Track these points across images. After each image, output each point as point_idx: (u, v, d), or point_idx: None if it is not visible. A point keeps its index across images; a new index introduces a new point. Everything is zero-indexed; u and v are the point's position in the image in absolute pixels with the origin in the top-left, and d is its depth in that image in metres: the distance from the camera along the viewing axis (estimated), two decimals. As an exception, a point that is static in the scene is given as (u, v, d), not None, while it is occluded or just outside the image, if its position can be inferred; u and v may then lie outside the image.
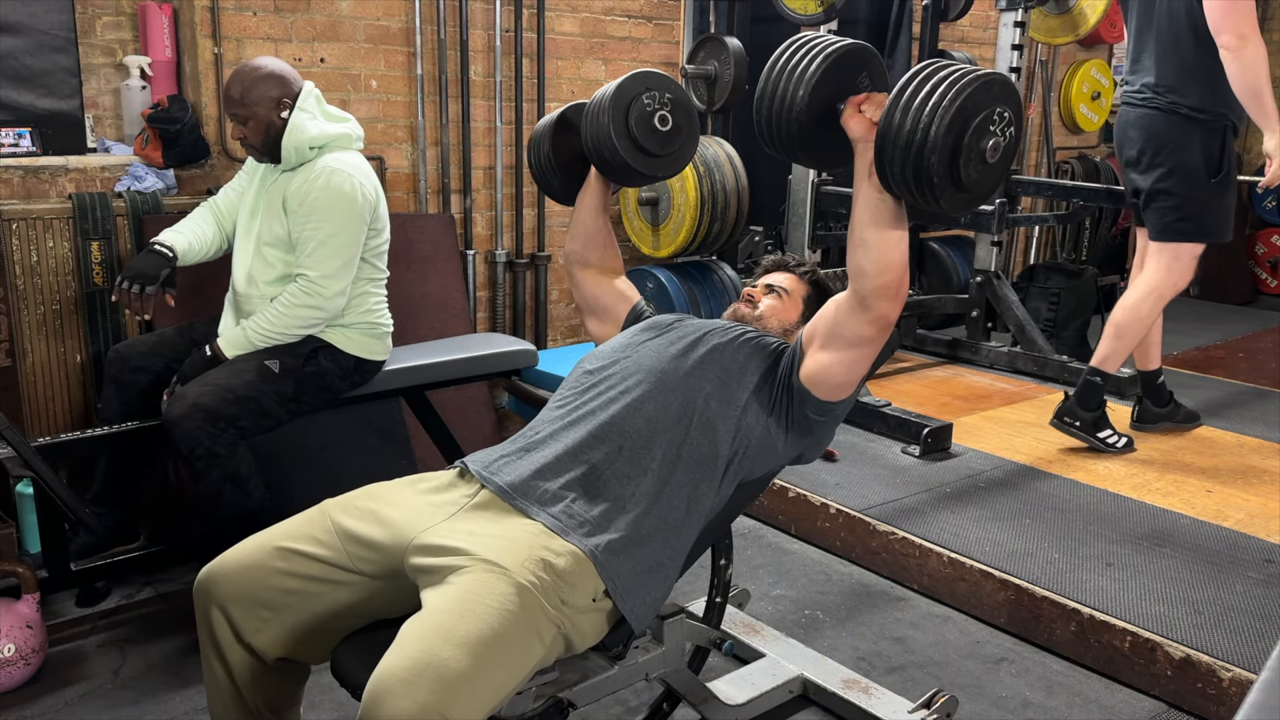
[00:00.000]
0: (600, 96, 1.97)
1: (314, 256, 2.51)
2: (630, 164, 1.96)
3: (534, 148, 2.15)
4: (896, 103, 1.51)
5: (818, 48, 1.66)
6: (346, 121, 2.66)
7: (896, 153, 1.51)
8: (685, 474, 1.72)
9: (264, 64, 2.61)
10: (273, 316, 2.53)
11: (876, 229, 1.60)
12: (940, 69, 1.53)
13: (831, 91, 1.64)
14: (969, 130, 1.49)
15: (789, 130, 1.66)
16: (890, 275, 1.62)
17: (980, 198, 1.58)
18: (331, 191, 2.50)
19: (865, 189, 1.61)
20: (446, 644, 1.39)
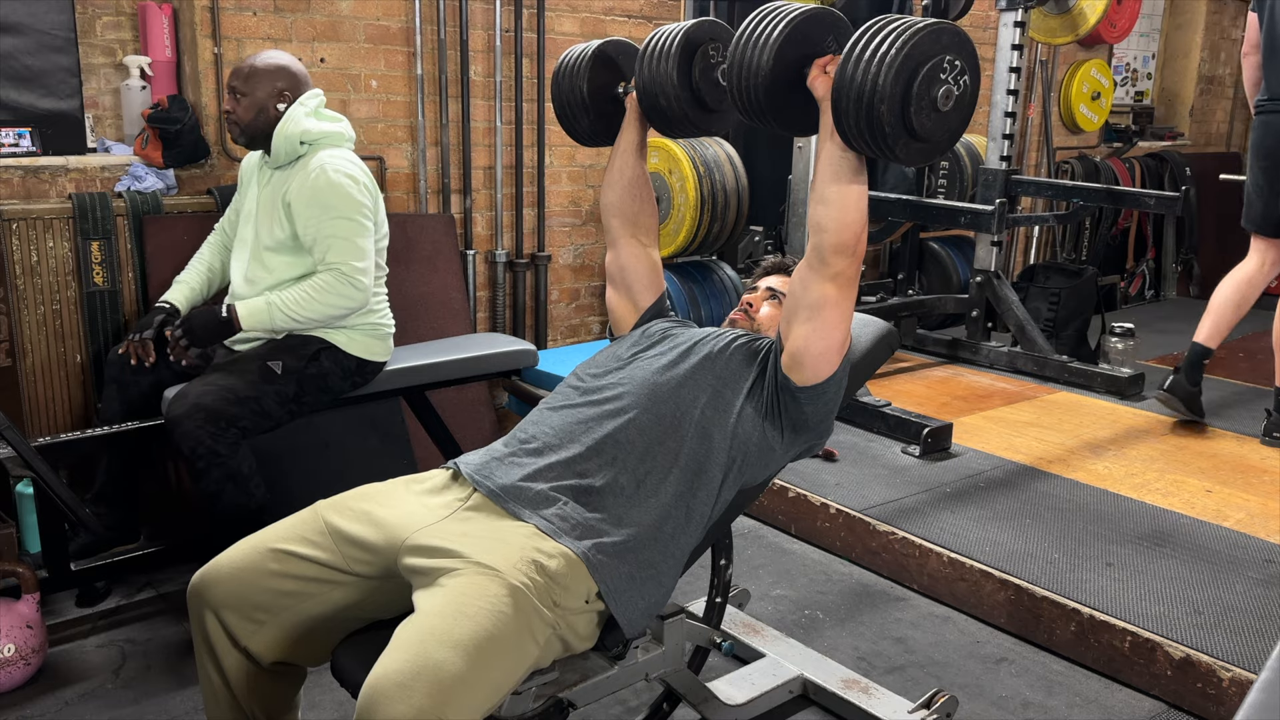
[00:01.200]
0: (662, 40, 1.89)
1: (343, 251, 2.53)
2: (688, 115, 1.91)
3: (564, 83, 2.05)
4: (849, 56, 1.54)
5: (781, 13, 1.69)
6: (340, 122, 2.69)
7: (849, 105, 1.54)
8: (682, 484, 1.72)
9: (284, 58, 2.68)
10: (302, 298, 2.53)
11: (837, 184, 1.64)
12: (891, 21, 1.55)
13: (796, 55, 1.67)
14: (918, 78, 1.52)
15: (757, 95, 1.68)
16: (849, 233, 1.66)
17: (938, 147, 1.62)
18: (335, 184, 2.53)
19: (827, 147, 1.65)
20: (441, 646, 1.39)
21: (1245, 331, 5.76)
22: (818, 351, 1.74)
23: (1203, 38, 7.10)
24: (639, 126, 2.04)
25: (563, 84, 2.06)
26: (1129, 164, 6.50)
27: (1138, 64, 7.02)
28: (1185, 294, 6.87)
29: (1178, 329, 5.73)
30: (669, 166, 4.11)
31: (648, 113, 1.97)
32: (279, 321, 2.53)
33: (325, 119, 2.66)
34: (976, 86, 1.60)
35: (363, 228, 2.57)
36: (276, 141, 2.59)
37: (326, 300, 2.53)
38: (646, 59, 1.90)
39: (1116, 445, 3.67)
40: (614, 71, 2.06)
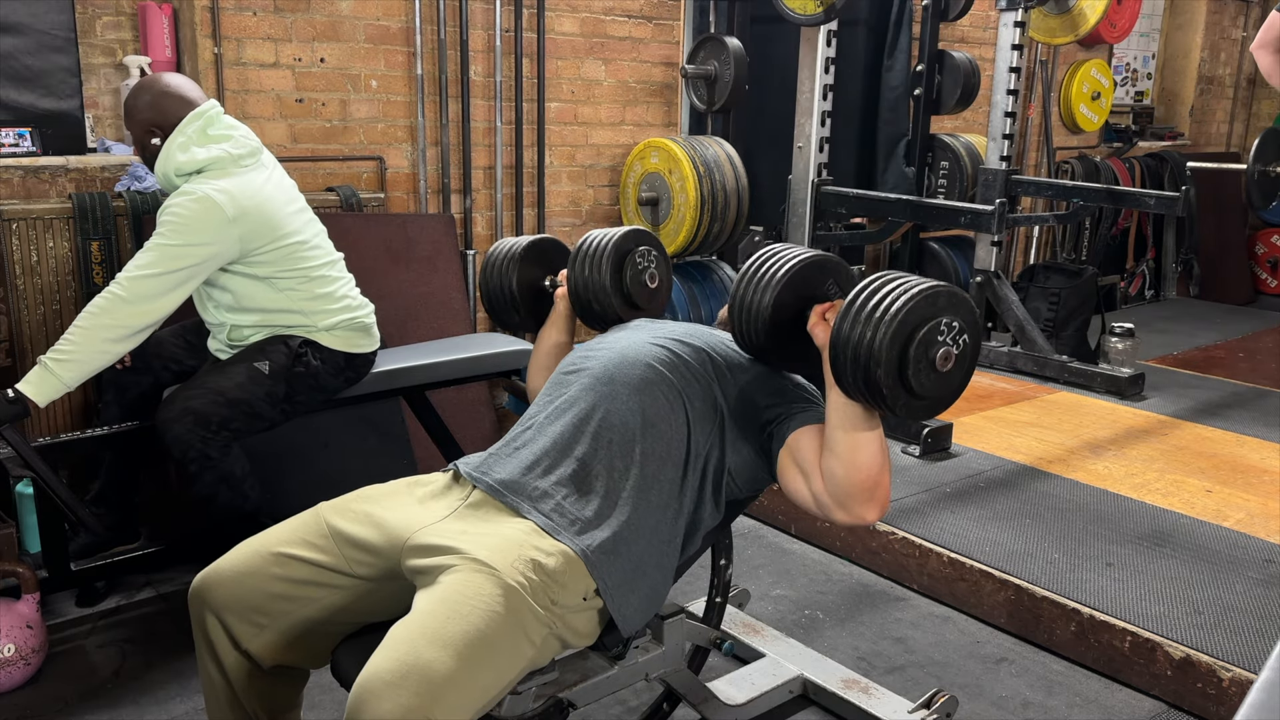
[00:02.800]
0: (593, 245, 2.01)
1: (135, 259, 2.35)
2: (619, 316, 2.03)
3: (495, 278, 2.13)
4: (846, 314, 1.54)
5: (783, 258, 1.72)
6: (227, 140, 2.45)
7: (847, 364, 1.53)
8: (673, 469, 1.70)
9: (151, 86, 2.48)
10: (73, 334, 2.29)
11: (844, 432, 1.60)
12: (889, 281, 1.55)
13: (796, 299, 1.70)
14: (914, 342, 1.51)
15: (758, 335, 1.72)
16: (861, 475, 1.60)
17: (941, 401, 1.60)
18: (174, 213, 2.35)
19: (832, 395, 1.61)
20: (431, 646, 1.38)
21: (1245, 331, 5.78)
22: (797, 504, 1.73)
23: (1203, 38, 7.10)
24: (567, 322, 2.12)
25: (491, 279, 2.14)
26: (1129, 164, 6.51)
27: (1138, 64, 7.03)
28: (1185, 294, 6.87)
29: (1178, 329, 5.74)
30: (669, 166, 4.11)
31: (580, 313, 2.07)
32: (59, 372, 2.27)
33: (211, 140, 2.44)
34: (978, 344, 1.59)
35: (176, 253, 2.33)
36: (157, 178, 2.46)
37: (96, 321, 2.29)
38: (579, 264, 2.02)
39: (1116, 445, 3.67)
40: (543, 266, 2.16)
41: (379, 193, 3.68)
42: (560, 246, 2.20)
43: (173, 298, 2.35)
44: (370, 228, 3.49)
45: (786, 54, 4.14)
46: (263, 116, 3.49)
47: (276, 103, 3.52)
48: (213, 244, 2.36)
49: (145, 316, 2.33)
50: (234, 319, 2.51)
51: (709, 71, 4.29)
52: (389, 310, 3.13)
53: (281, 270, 2.48)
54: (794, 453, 1.69)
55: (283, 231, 2.47)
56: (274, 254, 2.46)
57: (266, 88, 3.49)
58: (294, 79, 3.54)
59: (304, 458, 2.97)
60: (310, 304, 2.54)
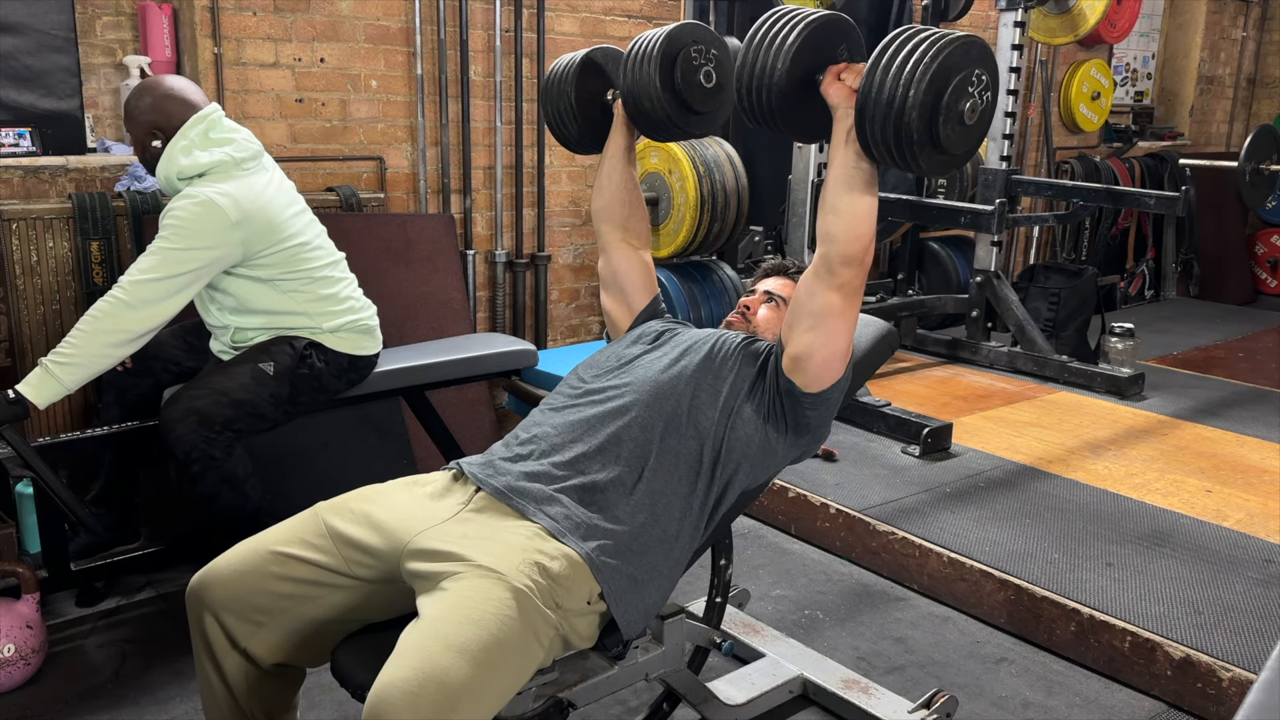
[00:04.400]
0: (645, 44, 1.91)
1: (138, 263, 2.34)
2: (671, 118, 1.92)
3: (553, 91, 2.07)
4: (877, 64, 1.54)
5: (797, 18, 1.68)
6: (229, 144, 2.45)
7: (878, 112, 1.53)
8: (684, 484, 1.72)
9: (154, 88, 2.47)
10: (74, 337, 2.29)
11: (849, 194, 1.63)
12: (920, 32, 1.56)
13: (810, 62, 1.67)
14: (948, 89, 1.51)
15: (769, 100, 1.68)
16: (858, 244, 1.65)
17: (958, 159, 1.61)
18: (176, 217, 2.35)
19: (842, 155, 1.64)
20: (447, 652, 1.38)
21: (1245, 331, 5.78)
22: (821, 359, 1.74)
23: (1203, 38, 7.10)
24: (626, 132, 2.05)
25: (552, 92, 2.08)
26: (1129, 164, 6.51)
27: (1138, 64, 7.03)
28: (1185, 294, 6.87)
29: (1178, 329, 5.74)
30: (669, 166, 4.11)
31: (633, 117, 1.99)
32: (61, 376, 2.27)
33: (213, 144, 2.43)
34: (996, 101, 1.61)
35: (179, 256, 2.33)
36: (159, 181, 2.46)
37: (98, 324, 2.29)
38: (630, 64, 1.92)
39: (1116, 445, 3.67)
40: (602, 79, 2.07)
41: (379, 193, 3.68)
42: (619, 56, 2.08)
43: (175, 302, 2.35)
44: (370, 228, 3.49)
45: (786, 54, 4.14)
46: (263, 116, 3.49)
47: (276, 103, 3.52)
48: (216, 248, 2.36)
49: (148, 321, 2.33)
50: (238, 321, 2.51)
51: (709, 71, 4.28)
52: (389, 310, 3.12)
53: (284, 272, 2.48)
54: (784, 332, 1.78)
55: (285, 234, 2.47)
56: (277, 256, 2.46)
57: (266, 88, 3.49)
58: (294, 79, 3.54)
59: (304, 458, 2.97)
60: (314, 305, 2.54)
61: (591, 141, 2.11)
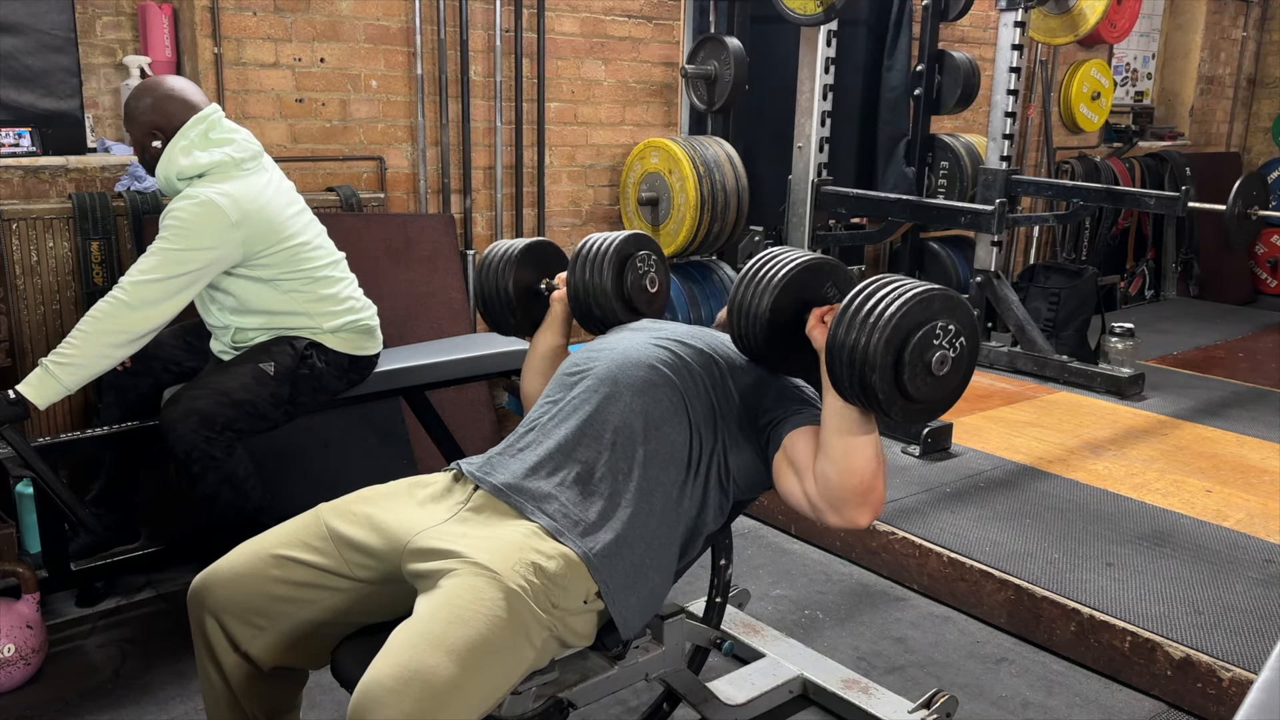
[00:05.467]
0: (596, 248, 2.01)
1: (138, 264, 2.34)
2: (619, 319, 2.03)
3: (490, 281, 2.12)
4: (841, 319, 1.53)
5: (781, 261, 1.72)
6: (229, 144, 2.44)
7: (842, 369, 1.53)
8: (676, 471, 1.70)
9: (155, 88, 2.47)
10: (74, 338, 2.29)
11: (839, 436, 1.59)
12: (883, 285, 1.54)
13: (795, 302, 1.70)
14: (909, 347, 1.50)
15: (756, 339, 1.71)
16: (854, 479, 1.59)
17: (938, 405, 1.59)
18: (176, 217, 2.35)
19: (828, 399, 1.61)
20: (434, 651, 1.38)
21: (1245, 331, 5.78)
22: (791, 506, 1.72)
23: (1203, 38, 7.10)
24: (564, 325, 2.11)
25: (487, 281, 2.13)
26: (1129, 164, 6.51)
27: (1138, 64, 7.03)
28: (1185, 294, 6.88)
29: (1178, 329, 5.74)
30: (669, 166, 4.12)
31: (580, 317, 2.06)
32: (61, 376, 2.27)
33: (213, 144, 2.43)
34: (976, 346, 1.58)
35: (179, 257, 2.32)
36: (158, 181, 2.46)
37: (98, 325, 2.29)
38: (580, 268, 2.01)
39: (1116, 445, 3.67)
40: (539, 269, 2.15)
41: (379, 193, 3.68)
42: (555, 249, 2.21)
43: (176, 302, 2.35)
44: (370, 228, 3.49)
45: (786, 54, 4.14)
46: (263, 116, 3.49)
47: (276, 103, 3.52)
48: (216, 248, 2.36)
49: (148, 322, 2.33)
50: (238, 321, 2.51)
51: (709, 71, 4.29)
52: (389, 310, 3.13)
53: (285, 272, 2.48)
54: (789, 454, 1.69)
55: (285, 234, 2.47)
56: (277, 256, 2.46)
57: (266, 88, 3.49)
58: (294, 79, 3.54)
59: (304, 458, 2.97)
60: (315, 305, 2.54)
61: (526, 328, 2.18)
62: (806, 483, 1.66)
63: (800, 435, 1.69)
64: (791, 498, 1.70)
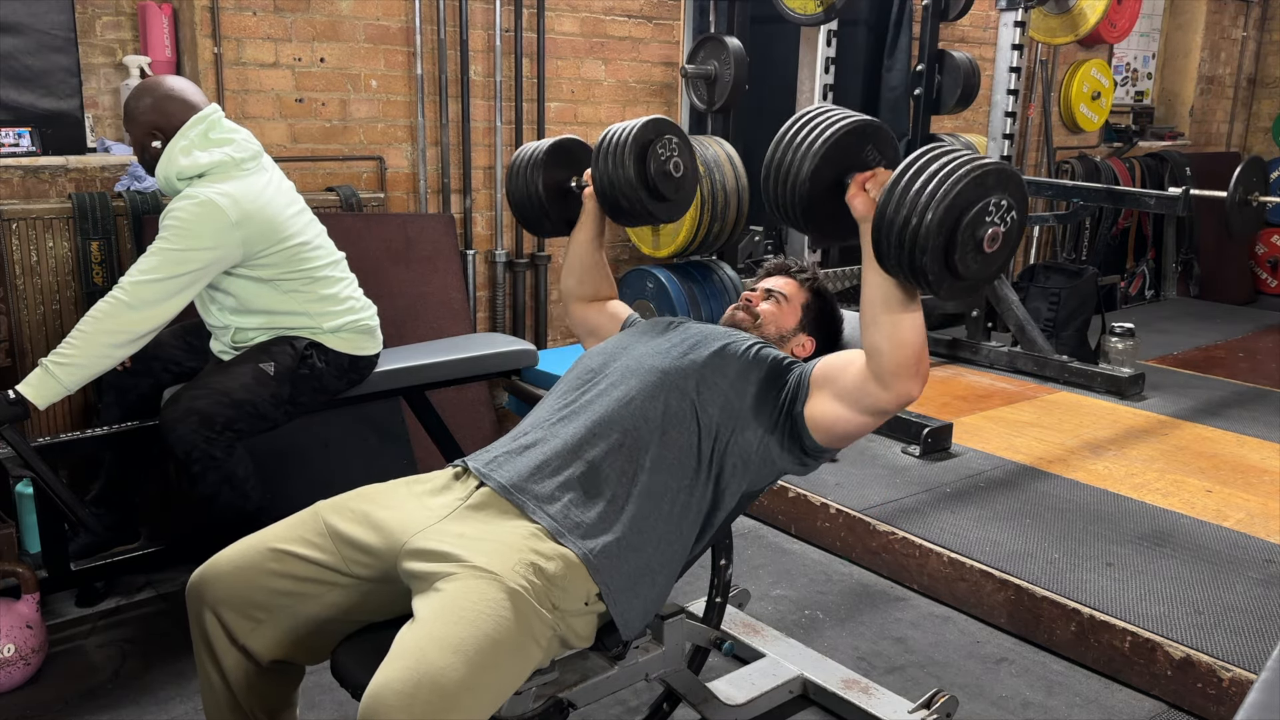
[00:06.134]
0: (616, 137, 1.98)
1: (138, 264, 2.34)
2: (646, 208, 2.00)
3: (521, 182, 2.11)
4: (890, 195, 1.49)
5: (825, 122, 1.65)
6: (229, 144, 2.44)
7: (890, 247, 1.49)
8: (683, 475, 1.71)
9: (154, 88, 2.47)
10: (74, 338, 2.29)
11: (887, 312, 1.58)
12: (935, 159, 1.49)
13: (836, 167, 1.64)
14: (961, 225, 1.47)
15: (794, 204, 1.66)
16: (906, 352, 1.58)
17: (984, 282, 1.57)
18: (176, 218, 2.34)
19: (871, 275, 1.58)
20: (443, 652, 1.38)
21: (1245, 331, 5.78)
22: (841, 434, 1.73)
23: (1203, 38, 7.10)
24: (597, 219, 2.11)
25: (517, 183, 2.12)
26: (1129, 164, 6.51)
27: (1138, 64, 7.03)
28: (1185, 294, 6.87)
29: (1178, 329, 5.74)
30: (669, 166, 4.11)
31: (608, 208, 2.05)
32: (61, 377, 2.26)
33: (213, 144, 2.43)
34: (1024, 219, 1.55)
35: (179, 257, 2.32)
36: (158, 181, 2.46)
37: (98, 325, 2.29)
38: (602, 159, 1.99)
39: (1116, 445, 3.67)
40: (568, 167, 2.14)
41: (379, 193, 3.68)
42: (583, 146, 2.17)
43: (176, 302, 2.35)
44: (370, 228, 3.49)
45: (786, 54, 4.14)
46: (263, 116, 3.49)
47: (276, 103, 3.52)
48: (216, 248, 2.36)
49: (148, 322, 2.33)
50: (238, 321, 2.51)
51: (709, 71, 4.28)
52: (389, 310, 3.13)
53: (285, 272, 2.48)
54: (819, 384, 1.71)
55: (285, 234, 2.47)
56: (277, 256, 2.46)
57: (266, 88, 3.49)
58: (294, 79, 3.54)
59: (304, 458, 2.97)
60: (315, 305, 2.54)
61: (561, 227, 2.17)
62: (847, 378, 1.67)
63: (822, 365, 1.74)
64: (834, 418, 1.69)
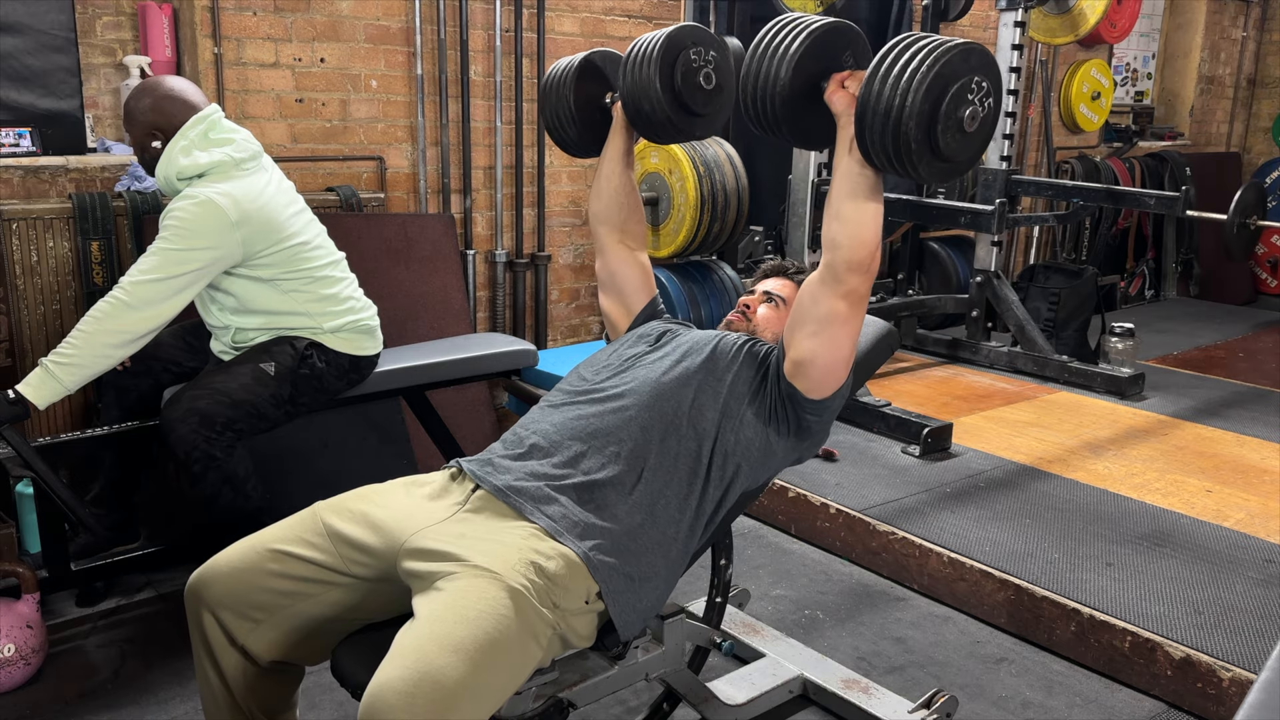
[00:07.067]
0: (644, 46, 1.91)
1: (138, 264, 2.33)
2: (671, 119, 1.92)
3: (551, 94, 2.07)
4: (876, 72, 1.53)
5: (801, 26, 1.67)
6: (229, 144, 2.44)
7: (876, 121, 1.52)
8: (683, 484, 1.71)
9: (154, 88, 2.47)
10: (75, 338, 2.28)
11: (854, 201, 1.63)
12: (919, 40, 1.54)
13: (814, 69, 1.66)
14: (946, 97, 1.51)
15: (772, 108, 1.67)
16: (864, 250, 1.65)
17: (960, 166, 1.61)
18: (176, 217, 2.34)
19: (845, 162, 1.63)
20: (443, 651, 1.38)
21: (1244, 331, 5.78)
22: (824, 365, 1.74)
23: (1203, 38, 7.10)
24: (626, 135, 2.06)
25: (550, 95, 2.08)
26: (1129, 164, 6.51)
27: (1138, 64, 7.03)
28: (1185, 294, 6.87)
29: (1178, 329, 5.74)
30: (669, 166, 4.11)
31: (632, 119, 1.99)
32: (61, 376, 2.26)
33: (213, 144, 2.43)
34: (999, 107, 1.59)
35: (179, 257, 2.32)
36: (158, 182, 2.46)
37: (99, 325, 2.28)
38: (629, 66, 1.92)
39: (1116, 445, 3.67)
40: (601, 82, 2.07)
41: (379, 193, 3.68)
42: (617, 60, 2.08)
43: (176, 302, 2.35)
44: (370, 228, 3.49)
45: (786, 54, 4.13)
46: (263, 117, 3.49)
47: (276, 103, 3.52)
48: (216, 248, 2.36)
49: (148, 322, 2.33)
50: (238, 321, 2.51)
51: (709, 71, 4.28)
52: (389, 310, 3.13)
53: (285, 272, 2.48)
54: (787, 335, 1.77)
55: (285, 234, 2.47)
56: (277, 256, 2.46)
57: (266, 88, 3.49)
58: (294, 79, 3.54)
59: (304, 458, 2.96)
60: (315, 305, 2.54)
61: (591, 144, 2.11)
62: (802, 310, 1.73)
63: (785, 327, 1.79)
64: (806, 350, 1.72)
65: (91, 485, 2.77)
